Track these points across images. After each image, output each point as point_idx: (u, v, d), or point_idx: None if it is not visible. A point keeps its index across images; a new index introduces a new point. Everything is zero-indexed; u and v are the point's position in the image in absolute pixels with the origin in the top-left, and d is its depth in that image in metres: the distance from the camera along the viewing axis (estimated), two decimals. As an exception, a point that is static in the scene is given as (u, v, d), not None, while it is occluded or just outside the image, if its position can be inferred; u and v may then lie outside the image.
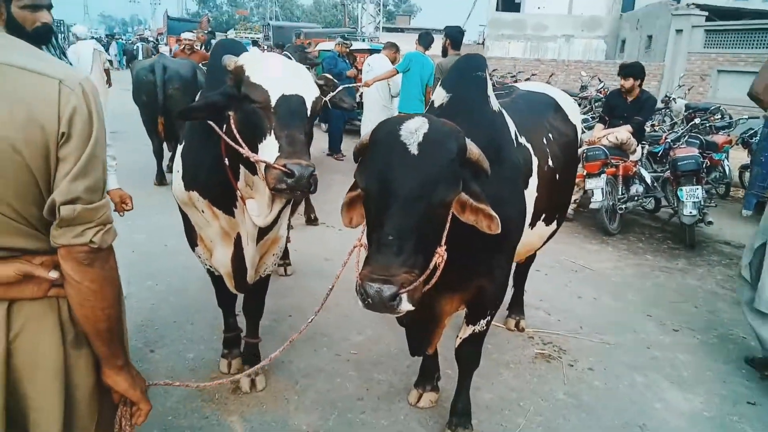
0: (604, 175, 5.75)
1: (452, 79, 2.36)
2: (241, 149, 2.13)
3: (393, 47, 8.35)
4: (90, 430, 1.33)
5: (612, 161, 5.81)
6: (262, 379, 3.00)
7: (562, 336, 3.70)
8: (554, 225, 3.03)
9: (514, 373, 3.25)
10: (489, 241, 2.25)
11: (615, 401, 3.03)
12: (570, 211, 6.40)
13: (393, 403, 2.92)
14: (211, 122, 2.30)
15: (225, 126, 2.26)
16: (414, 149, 1.72)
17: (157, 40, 30.84)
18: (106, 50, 14.99)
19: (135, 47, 15.54)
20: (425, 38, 7.20)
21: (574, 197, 6.37)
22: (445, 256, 1.80)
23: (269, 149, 2.06)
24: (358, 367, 3.23)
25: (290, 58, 7.45)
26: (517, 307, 3.80)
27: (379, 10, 24.12)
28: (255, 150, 2.12)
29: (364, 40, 16.61)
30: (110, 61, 11.00)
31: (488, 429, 2.76)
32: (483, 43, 25.87)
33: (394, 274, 1.62)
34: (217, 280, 2.88)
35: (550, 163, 2.76)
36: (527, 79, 14.80)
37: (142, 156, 7.29)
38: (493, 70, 16.00)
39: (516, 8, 26.04)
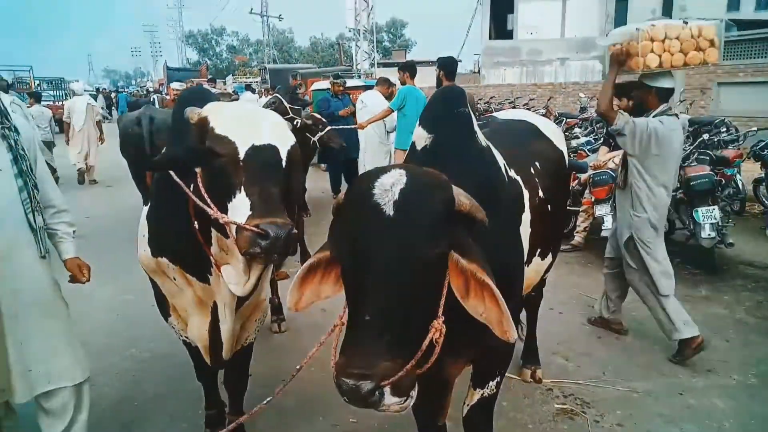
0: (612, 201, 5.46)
1: (432, 117, 2.07)
2: (209, 209, 1.88)
3: (386, 82, 8.19)
4: None
5: (620, 185, 5.51)
6: (248, 462, 2.67)
7: (583, 385, 3.35)
8: (549, 258, 2.78)
9: (534, 435, 2.90)
10: None
11: (651, 464, 2.67)
12: (580, 239, 6.10)
13: (398, 483, 2.58)
14: (178, 180, 2.07)
15: (192, 185, 2.02)
16: (389, 209, 1.43)
17: (159, 91, 31.27)
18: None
19: (152, 99, 15.67)
20: (411, 69, 7.08)
21: (584, 224, 6.09)
22: (444, 330, 1.49)
23: (240, 208, 1.82)
24: (358, 439, 2.90)
25: (282, 101, 7.26)
26: (530, 354, 3.46)
27: (374, 47, 24.31)
28: (225, 210, 1.87)
29: (359, 77, 16.60)
30: (105, 116, 11.15)
31: None
32: (479, 72, 25.97)
33: (372, 364, 1.32)
34: (194, 351, 2.59)
35: (541, 194, 2.51)
36: (525, 105, 14.68)
37: (137, 209, 7.08)
38: (491, 98, 15.94)
39: (509, 35, 26.18)
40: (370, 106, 7.68)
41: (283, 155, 1.92)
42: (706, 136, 6.73)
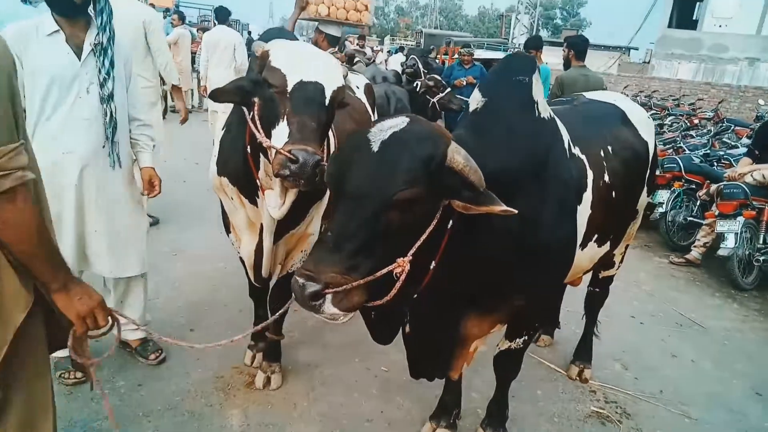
0: (740, 218, 4.85)
1: (490, 81, 2.13)
2: (257, 132, 2.08)
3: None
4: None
5: (754, 202, 4.88)
6: (278, 378, 2.92)
7: (632, 397, 3.14)
8: (607, 247, 2.63)
9: (556, 429, 2.80)
10: (531, 262, 2.00)
11: (671, 491, 2.48)
12: (697, 254, 5.53)
13: (403, 433, 2.67)
14: (244, 108, 2.28)
15: (251, 113, 2.22)
16: (375, 147, 1.55)
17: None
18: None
19: None
20: (537, 44, 6.66)
21: (704, 240, 5.50)
22: (407, 269, 1.55)
23: (280, 135, 1.99)
24: (383, 387, 3.02)
25: (415, 62, 7.47)
26: (583, 352, 3.30)
27: (534, 22, 23.30)
28: (271, 136, 2.05)
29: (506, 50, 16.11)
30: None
31: (500, 487, 2.39)
32: (649, 62, 23.81)
33: (320, 271, 1.47)
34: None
35: (606, 178, 2.39)
36: (691, 105, 13.23)
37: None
38: (653, 92, 14.57)
39: (692, 25, 23.54)
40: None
41: (328, 94, 2.03)
42: None
